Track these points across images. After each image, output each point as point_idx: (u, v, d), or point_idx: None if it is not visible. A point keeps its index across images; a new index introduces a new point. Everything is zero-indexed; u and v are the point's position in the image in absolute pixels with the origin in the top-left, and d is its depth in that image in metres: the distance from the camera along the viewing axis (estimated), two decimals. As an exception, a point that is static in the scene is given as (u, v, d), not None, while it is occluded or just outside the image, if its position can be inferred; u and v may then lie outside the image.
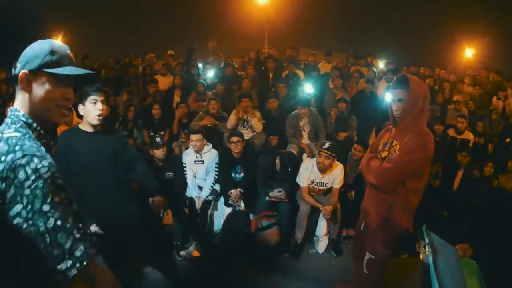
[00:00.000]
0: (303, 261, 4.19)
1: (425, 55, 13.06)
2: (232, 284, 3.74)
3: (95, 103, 2.60)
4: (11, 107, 1.29)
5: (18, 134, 1.19)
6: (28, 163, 1.11)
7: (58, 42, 1.35)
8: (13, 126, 1.23)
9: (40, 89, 1.26)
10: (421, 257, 1.86)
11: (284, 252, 4.28)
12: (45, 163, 1.13)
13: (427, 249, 1.84)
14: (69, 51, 1.34)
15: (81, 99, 2.62)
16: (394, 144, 2.56)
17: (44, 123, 1.31)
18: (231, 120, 5.53)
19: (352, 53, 10.29)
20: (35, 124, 1.26)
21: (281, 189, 4.44)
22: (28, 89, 1.25)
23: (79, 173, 2.68)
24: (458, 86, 8.33)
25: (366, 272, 2.76)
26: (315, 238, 4.44)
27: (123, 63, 9.11)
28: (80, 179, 2.67)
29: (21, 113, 1.26)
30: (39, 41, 1.30)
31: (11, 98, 6.33)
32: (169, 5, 15.94)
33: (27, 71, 1.24)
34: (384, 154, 2.64)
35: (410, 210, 2.57)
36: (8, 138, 1.17)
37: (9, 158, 1.11)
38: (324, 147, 4.13)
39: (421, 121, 2.50)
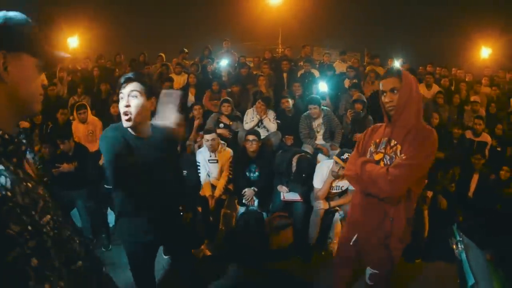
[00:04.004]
0: (315, 263, 4.14)
1: (440, 54, 12.87)
2: (243, 284, 3.73)
3: (122, 99, 2.15)
4: None
5: None
6: None
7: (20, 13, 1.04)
8: None
9: (21, 74, 0.99)
10: (455, 253, 1.85)
11: (297, 253, 4.25)
12: None
13: (459, 246, 1.82)
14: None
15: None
16: (393, 144, 2.25)
17: (16, 119, 1.05)
18: (251, 123, 5.52)
19: (368, 53, 10.21)
20: None
21: (295, 193, 4.41)
22: (4, 75, 0.96)
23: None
24: (475, 87, 8.17)
25: (370, 283, 2.52)
26: (328, 240, 4.39)
27: (137, 62, 9.16)
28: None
29: None
30: (3, 12, 1.00)
31: None
32: (182, 5, 16.00)
33: (4, 51, 0.95)
34: (378, 156, 2.32)
35: (411, 219, 2.31)
36: None
37: None
38: (342, 157, 3.95)
39: (420, 116, 2.24)
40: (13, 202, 0.83)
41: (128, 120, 2.09)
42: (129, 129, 2.16)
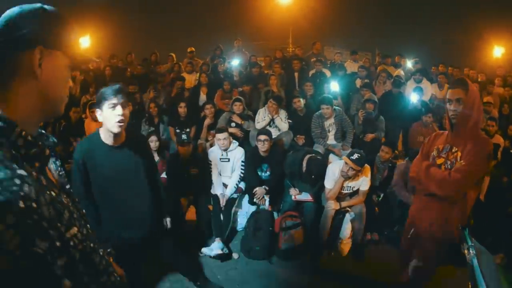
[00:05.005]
0: (324, 264, 4.14)
1: (453, 54, 12.73)
2: (253, 283, 3.72)
3: (113, 107, 2.28)
4: None
5: None
6: None
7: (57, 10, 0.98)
8: None
9: (54, 72, 0.94)
10: (467, 259, 1.86)
11: (307, 253, 4.23)
12: None
13: (471, 251, 1.83)
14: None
15: (98, 103, 2.32)
16: (454, 150, 2.51)
17: (40, 119, 0.96)
18: (263, 123, 5.54)
19: (379, 52, 10.15)
20: (18, 129, 0.81)
21: (306, 193, 4.42)
22: (38, 72, 0.90)
23: (100, 188, 2.51)
24: (488, 87, 8.07)
25: (411, 277, 2.80)
26: (338, 241, 4.38)
27: (149, 61, 9.23)
28: (101, 194, 2.53)
29: None
30: (33, 6, 0.93)
31: None
32: (193, 5, 16.07)
33: (41, 47, 0.89)
34: (440, 160, 2.58)
35: (464, 221, 2.53)
36: None
37: None
38: (351, 158, 3.99)
39: (478, 126, 2.47)
40: (39, 215, 0.72)
41: (121, 127, 2.34)
42: (104, 138, 2.45)
